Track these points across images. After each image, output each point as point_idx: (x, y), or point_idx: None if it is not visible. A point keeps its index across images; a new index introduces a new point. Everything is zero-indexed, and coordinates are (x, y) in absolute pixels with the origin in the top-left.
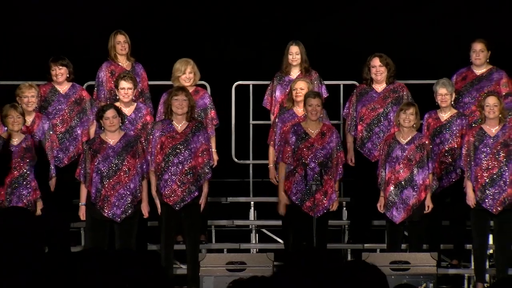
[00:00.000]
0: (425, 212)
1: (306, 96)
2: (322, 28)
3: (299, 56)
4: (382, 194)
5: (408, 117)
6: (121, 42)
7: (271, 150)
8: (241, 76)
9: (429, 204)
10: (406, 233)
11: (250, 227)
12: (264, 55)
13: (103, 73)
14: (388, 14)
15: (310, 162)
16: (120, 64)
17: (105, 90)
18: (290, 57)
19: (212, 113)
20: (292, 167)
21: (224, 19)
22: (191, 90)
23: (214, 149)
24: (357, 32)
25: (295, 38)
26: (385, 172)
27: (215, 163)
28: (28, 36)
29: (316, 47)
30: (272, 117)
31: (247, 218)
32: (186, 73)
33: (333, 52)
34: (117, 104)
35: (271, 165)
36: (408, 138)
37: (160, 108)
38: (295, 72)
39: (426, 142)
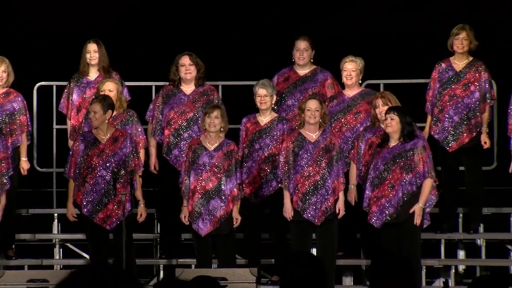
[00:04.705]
0: (234, 226)
1: (92, 102)
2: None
3: (97, 54)
4: (185, 203)
5: (213, 121)
6: None
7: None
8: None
9: (237, 217)
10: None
11: (54, 241)
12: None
13: None
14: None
15: (101, 170)
16: None
17: None
18: (87, 55)
19: (22, 118)
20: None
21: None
22: (1, 91)
23: (24, 158)
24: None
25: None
26: (190, 180)
27: (25, 172)
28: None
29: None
30: (68, 122)
31: (50, 231)
32: None
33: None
34: None
35: None
36: (216, 144)
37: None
38: (93, 73)
39: (235, 149)
